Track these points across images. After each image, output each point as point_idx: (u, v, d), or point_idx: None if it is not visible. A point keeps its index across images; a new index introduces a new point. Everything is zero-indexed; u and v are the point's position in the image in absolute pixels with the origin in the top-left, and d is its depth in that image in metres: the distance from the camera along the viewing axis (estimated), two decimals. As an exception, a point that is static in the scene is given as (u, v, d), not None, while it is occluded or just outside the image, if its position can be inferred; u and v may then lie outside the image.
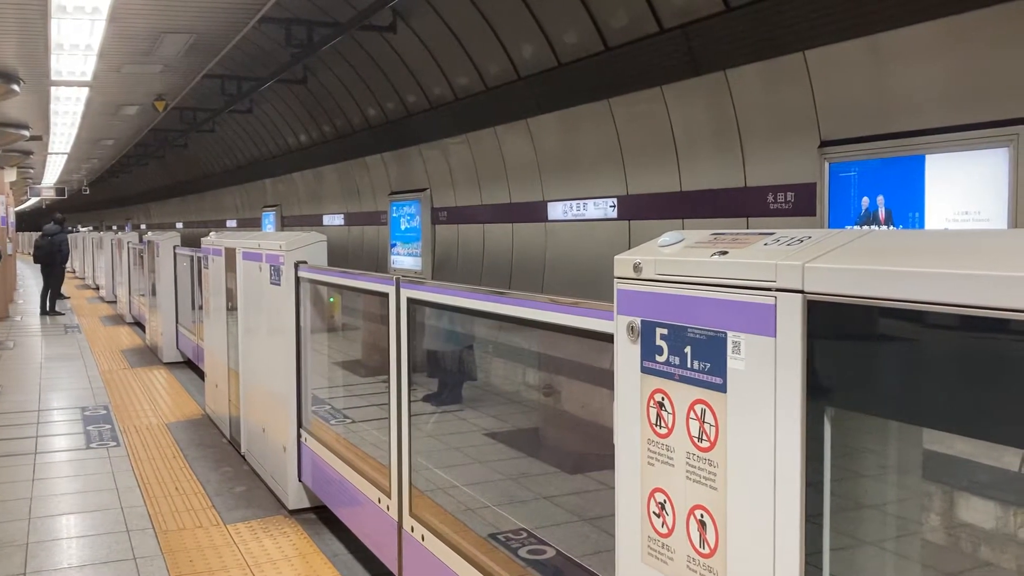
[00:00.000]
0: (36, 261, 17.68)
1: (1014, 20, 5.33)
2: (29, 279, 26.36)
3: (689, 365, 1.88)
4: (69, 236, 22.09)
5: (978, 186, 5.60)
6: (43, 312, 17.27)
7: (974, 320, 1.34)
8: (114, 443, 7.03)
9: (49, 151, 27.33)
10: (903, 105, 6.15)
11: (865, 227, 6.25)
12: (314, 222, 19.03)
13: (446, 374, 6.56)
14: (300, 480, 5.46)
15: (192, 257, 10.81)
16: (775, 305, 1.67)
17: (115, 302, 19.37)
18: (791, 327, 1.64)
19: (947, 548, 2.37)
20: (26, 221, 52.63)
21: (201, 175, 28.51)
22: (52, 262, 17.33)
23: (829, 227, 6.43)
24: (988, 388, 1.37)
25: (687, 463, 1.90)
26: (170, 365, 11.36)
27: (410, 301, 3.86)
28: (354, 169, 16.60)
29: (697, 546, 1.88)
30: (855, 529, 1.72)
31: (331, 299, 5.86)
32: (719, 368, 1.80)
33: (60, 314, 17.27)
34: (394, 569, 4.03)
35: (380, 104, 14.29)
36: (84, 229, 16.82)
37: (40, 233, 18.11)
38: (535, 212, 10.87)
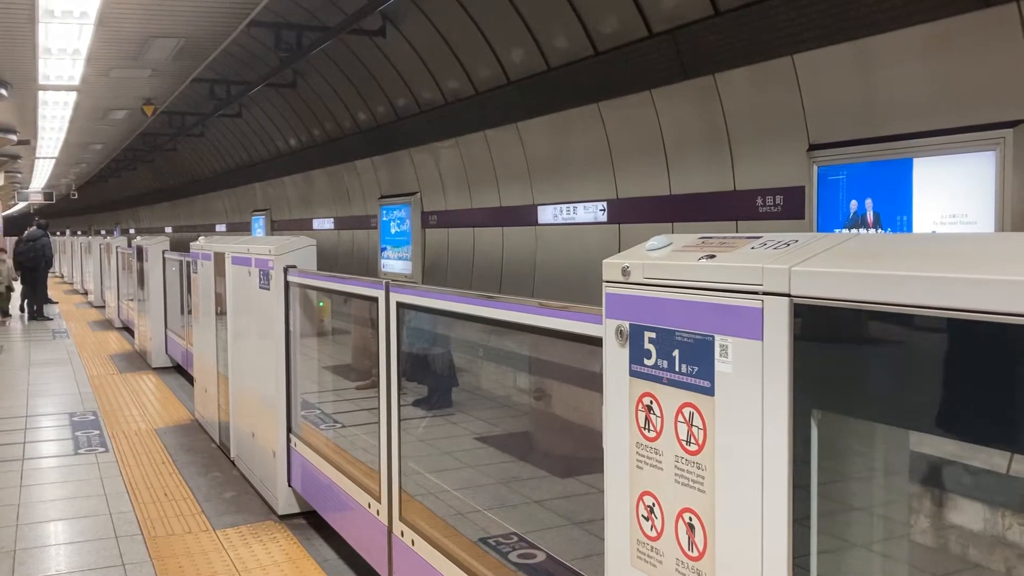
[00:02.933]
0: (19, 267, 17.40)
1: (1000, 24, 5.36)
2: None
3: (677, 368, 1.89)
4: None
5: (965, 189, 5.63)
6: (30, 317, 17.19)
7: (960, 323, 1.35)
8: (102, 449, 7.00)
9: (37, 155, 27.25)
10: (891, 109, 6.18)
11: (852, 231, 6.28)
12: (304, 226, 18.99)
13: (425, 379, 6.55)
14: (290, 485, 5.44)
15: (181, 262, 10.78)
16: (762, 308, 1.68)
17: (104, 307, 19.29)
18: (778, 330, 1.65)
19: (935, 550, 2.39)
20: (14, 226, 52.35)
21: (190, 179, 28.43)
22: (36, 267, 17.20)
23: (818, 230, 6.46)
24: (974, 390, 1.38)
25: (675, 466, 1.91)
26: (159, 370, 11.32)
27: (399, 305, 3.86)
28: (344, 173, 16.58)
29: (686, 549, 1.89)
30: (843, 531, 1.73)
31: (320, 303, 5.85)
32: (707, 371, 1.81)
33: (48, 319, 17.20)
34: (384, 574, 4.03)
35: (370, 108, 14.28)
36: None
37: (24, 238, 17.85)
38: (525, 216, 10.88)
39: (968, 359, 1.39)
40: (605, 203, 9.38)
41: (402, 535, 3.79)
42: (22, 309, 17.59)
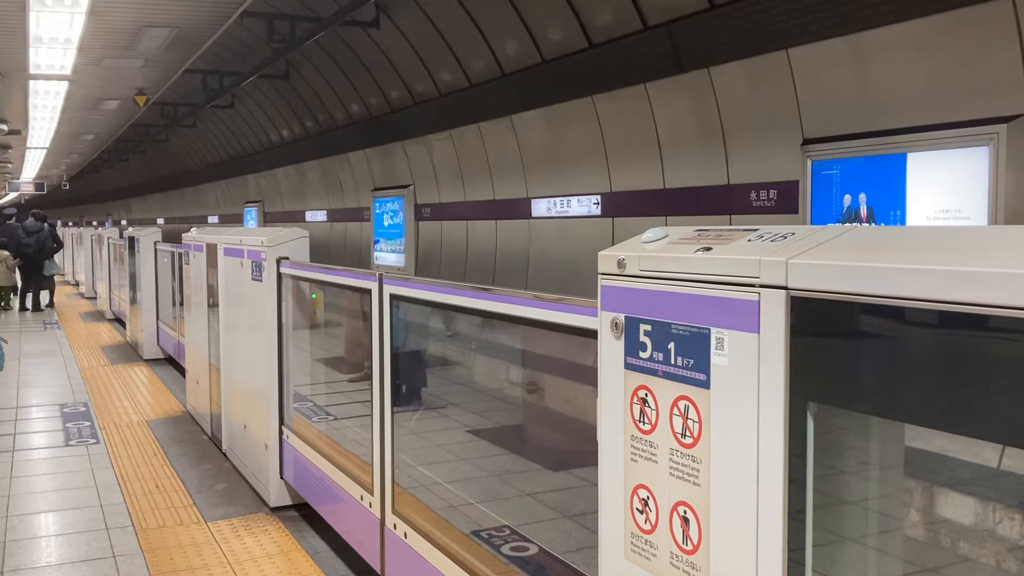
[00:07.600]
0: (24, 259, 16.85)
1: (994, 19, 5.36)
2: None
3: (673, 361, 1.88)
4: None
5: (959, 184, 5.64)
6: (22, 308, 17.07)
7: (956, 316, 1.34)
8: (93, 440, 6.97)
9: (28, 145, 27.12)
10: (885, 103, 6.18)
11: (848, 224, 6.28)
12: (297, 218, 18.93)
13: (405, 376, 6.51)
14: (282, 477, 5.43)
15: (173, 253, 10.73)
16: (759, 301, 1.67)
17: (95, 298, 19.21)
18: (774, 323, 1.64)
19: (928, 544, 2.39)
20: (3, 216, 51.98)
21: (182, 171, 28.32)
22: (38, 261, 16.93)
23: (812, 224, 6.45)
24: (970, 384, 1.37)
25: (670, 459, 1.90)
26: (151, 362, 11.28)
27: (393, 297, 3.84)
28: (337, 165, 16.53)
29: (680, 542, 1.88)
30: (838, 525, 1.73)
31: (313, 295, 5.83)
32: (702, 364, 1.80)
33: (40, 310, 17.11)
34: (376, 566, 4.02)
35: (363, 100, 14.23)
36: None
37: (24, 231, 17.28)
38: (519, 209, 10.86)
39: (966, 352, 1.38)
40: (599, 197, 9.37)
41: (395, 528, 3.78)
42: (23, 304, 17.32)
